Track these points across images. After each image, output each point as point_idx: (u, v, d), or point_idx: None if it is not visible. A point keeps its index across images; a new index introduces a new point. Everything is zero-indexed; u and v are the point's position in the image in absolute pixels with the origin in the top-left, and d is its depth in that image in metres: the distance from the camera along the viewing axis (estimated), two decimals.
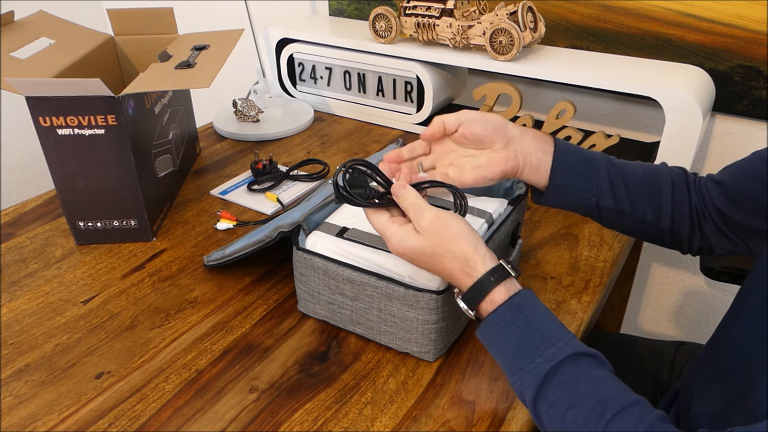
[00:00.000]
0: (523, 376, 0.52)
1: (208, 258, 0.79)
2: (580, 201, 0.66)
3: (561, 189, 0.66)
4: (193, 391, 0.62)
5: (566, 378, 0.50)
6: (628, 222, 0.68)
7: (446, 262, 0.56)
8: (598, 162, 0.66)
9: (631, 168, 0.67)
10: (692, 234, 0.67)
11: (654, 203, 0.66)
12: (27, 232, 0.87)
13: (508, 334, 0.53)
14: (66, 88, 0.73)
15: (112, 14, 1.00)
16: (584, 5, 1.09)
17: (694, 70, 1.00)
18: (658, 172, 0.67)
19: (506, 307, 0.53)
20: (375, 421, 0.58)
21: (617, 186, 0.66)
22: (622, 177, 0.66)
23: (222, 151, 1.13)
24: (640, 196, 0.66)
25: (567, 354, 0.51)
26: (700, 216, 0.66)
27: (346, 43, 1.18)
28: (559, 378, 0.50)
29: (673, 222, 0.67)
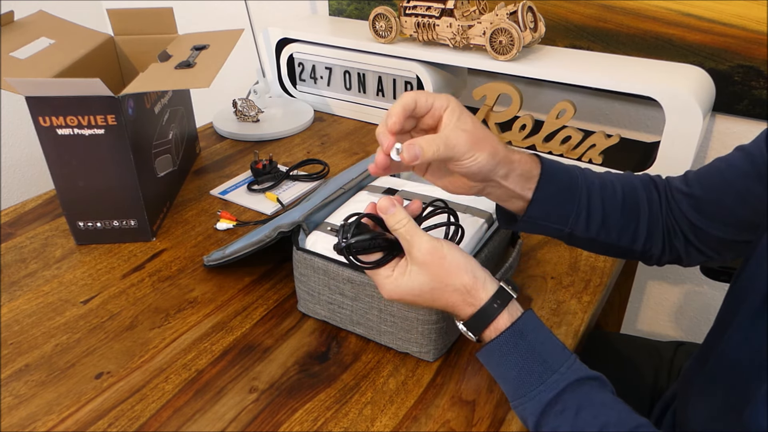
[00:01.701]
0: (525, 403, 0.52)
1: (208, 258, 0.79)
2: (552, 231, 0.63)
3: (535, 221, 0.61)
4: (193, 391, 0.62)
5: (568, 405, 0.50)
6: (598, 247, 0.65)
7: (447, 296, 0.54)
8: (580, 191, 0.62)
9: (610, 190, 0.63)
10: (663, 251, 0.65)
11: (630, 229, 0.64)
12: (27, 232, 0.87)
13: (510, 361, 0.52)
14: (66, 88, 0.73)
15: (112, 14, 1.00)
16: (584, 5, 1.09)
17: (694, 70, 1.00)
18: (634, 189, 0.64)
19: (509, 334, 0.53)
20: (375, 421, 0.58)
21: (594, 217, 0.62)
22: (602, 204, 0.62)
23: (222, 151, 1.13)
24: (616, 224, 0.63)
25: (569, 381, 0.51)
26: (671, 232, 0.64)
27: (346, 43, 1.18)
28: (560, 406, 0.50)
29: (646, 243, 0.64)
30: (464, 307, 0.54)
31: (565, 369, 0.51)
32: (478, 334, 0.54)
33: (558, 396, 0.50)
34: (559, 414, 0.50)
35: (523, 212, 0.61)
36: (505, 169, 0.57)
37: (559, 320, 0.71)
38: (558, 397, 0.50)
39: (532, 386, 0.51)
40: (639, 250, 0.65)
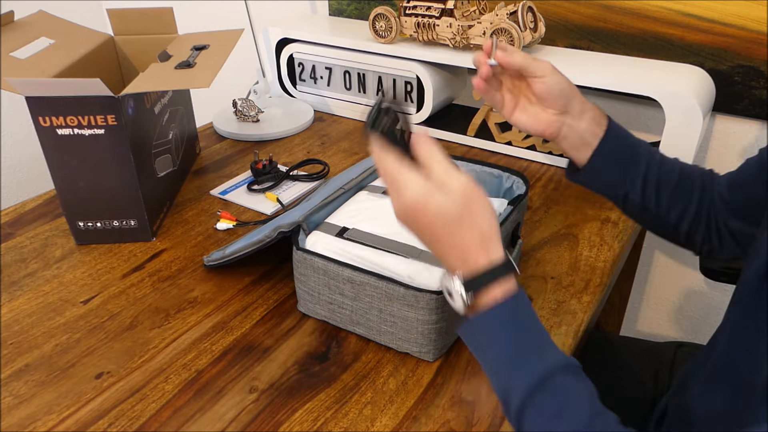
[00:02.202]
0: (517, 375, 0.48)
1: (208, 258, 0.79)
2: (610, 189, 0.68)
3: (595, 173, 0.67)
4: (193, 391, 0.62)
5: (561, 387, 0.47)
6: (648, 218, 0.69)
7: (469, 232, 0.48)
8: (641, 156, 0.66)
9: (669, 167, 0.67)
10: (705, 238, 0.68)
11: (680, 207, 0.67)
12: (27, 232, 0.87)
13: (509, 328, 0.49)
14: (66, 88, 0.73)
15: (112, 14, 1.00)
16: (584, 5, 1.09)
17: (694, 70, 1.00)
18: (692, 175, 0.68)
19: (519, 298, 0.49)
20: (375, 421, 0.58)
21: (650, 184, 0.66)
22: (658, 176, 0.66)
23: (222, 151, 1.13)
24: (668, 198, 0.67)
25: (567, 363, 0.49)
26: (718, 222, 0.67)
27: (346, 43, 1.18)
28: (554, 385, 0.47)
29: (692, 226, 0.68)
30: (478, 254, 0.48)
31: (559, 353, 0.49)
32: (477, 290, 0.49)
33: (554, 373, 0.47)
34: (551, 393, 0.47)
35: (588, 161, 0.66)
36: (580, 106, 0.64)
37: (559, 320, 0.71)
38: (554, 374, 0.47)
39: (530, 356, 0.48)
40: (685, 231, 0.68)
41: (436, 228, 0.49)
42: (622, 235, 0.87)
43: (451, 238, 0.49)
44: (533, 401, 0.47)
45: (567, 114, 0.64)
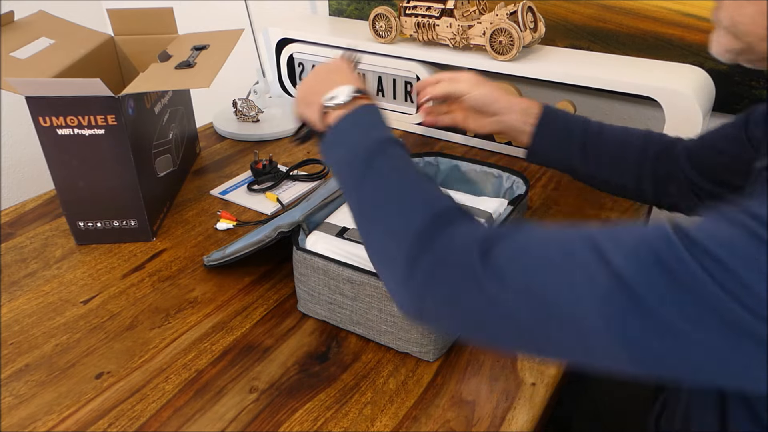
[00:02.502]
0: (373, 134, 0.56)
1: (208, 258, 0.79)
2: (556, 164, 0.80)
3: (538, 154, 0.79)
4: (193, 391, 0.62)
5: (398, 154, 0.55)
6: (598, 182, 0.80)
7: (326, 76, 0.64)
8: (574, 132, 0.77)
9: (607, 136, 0.77)
10: (658, 194, 0.77)
11: (621, 169, 0.77)
12: (27, 232, 0.87)
13: (368, 116, 0.59)
14: (66, 88, 0.73)
15: (112, 14, 1.00)
16: (584, 5, 1.09)
17: (694, 70, 1.00)
18: (632, 140, 0.77)
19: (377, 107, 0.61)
20: (375, 421, 0.58)
21: (589, 154, 0.77)
22: (596, 145, 0.77)
23: (222, 151, 1.13)
24: (608, 163, 0.77)
25: (395, 140, 0.56)
26: (668, 179, 0.75)
27: (346, 43, 1.18)
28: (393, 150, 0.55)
29: (639, 185, 0.76)
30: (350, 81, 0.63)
31: None
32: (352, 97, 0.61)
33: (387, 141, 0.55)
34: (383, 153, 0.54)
35: (529, 145, 0.78)
36: (506, 105, 0.78)
37: None
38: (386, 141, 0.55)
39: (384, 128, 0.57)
40: (632, 188, 0.77)
41: (313, 79, 0.65)
42: None
43: (326, 81, 0.63)
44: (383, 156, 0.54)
45: (498, 114, 0.78)
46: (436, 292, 0.45)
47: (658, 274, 0.37)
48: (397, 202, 0.50)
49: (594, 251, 0.40)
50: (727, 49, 0.54)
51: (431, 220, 0.47)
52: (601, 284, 0.38)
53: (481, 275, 0.43)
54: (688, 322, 0.36)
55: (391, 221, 0.49)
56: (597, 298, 0.38)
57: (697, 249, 0.37)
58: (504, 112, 0.78)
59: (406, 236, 0.47)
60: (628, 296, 0.37)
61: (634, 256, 0.38)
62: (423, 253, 0.46)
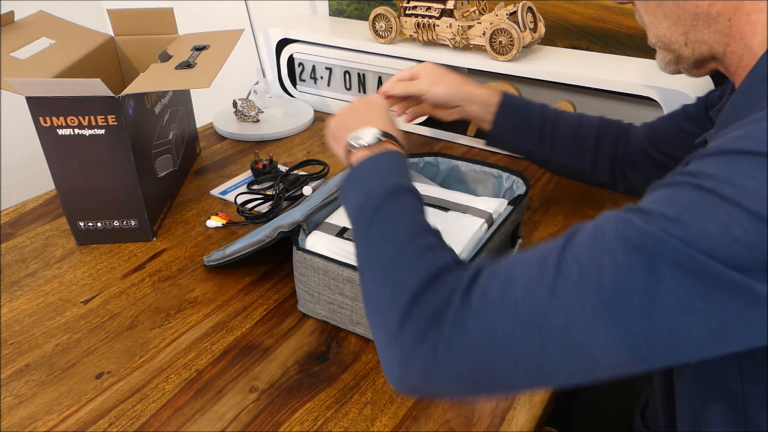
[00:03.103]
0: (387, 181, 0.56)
1: (209, 258, 0.79)
2: (515, 149, 0.86)
3: (497, 139, 0.84)
4: (193, 391, 0.62)
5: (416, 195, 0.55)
6: (554, 167, 0.86)
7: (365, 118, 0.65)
8: (532, 120, 0.82)
9: (565, 123, 0.82)
10: (614, 179, 0.82)
11: (577, 154, 0.82)
12: (27, 232, 0.87)
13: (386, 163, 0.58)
14: (66, 88, 0.73)
15: (112, 14, 1.00)
16: (584, 5, 1.09)
17: None
18: (587, 126, 0.82)
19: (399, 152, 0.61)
20: (375, 421, 0.58)
21: (546, 140, 0.82)
22: (553, 132, 0.82)
23: (222, 151, 1.13)
24: (565, 148, 0.82)
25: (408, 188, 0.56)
26: (625, 163, 0.80)
27: (346, 43, 1.18)
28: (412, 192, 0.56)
29: (595, 169, 0.82)
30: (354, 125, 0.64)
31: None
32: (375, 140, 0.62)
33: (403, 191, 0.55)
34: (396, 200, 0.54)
35: (489, 131, 0.83)
36: (465, 98, 0.82)
37: None
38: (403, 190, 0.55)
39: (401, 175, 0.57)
40: (589, 173, 0.83)
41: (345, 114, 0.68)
42: None
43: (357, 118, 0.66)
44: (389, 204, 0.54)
45: (459, 106, 0.83)
46: (425, 347, 0.43)
47: (637, 260, 0.37)
48: (394, 261, 0.49)
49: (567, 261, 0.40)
50: (665, 63, 0.58)
51: (425, 285, 0.45)
52: (586, 293, 0.38)
53: (465, 314, 0.42)
54: (675, 295, 0.36)
55: (386, 282, 0.48)
56: (586, 309, 0.38)
57: (653, 218, 0.38)
58: (464, 104, 0.82)
59: (397, 302, 0.45)
60: (615, 295, 0.37)
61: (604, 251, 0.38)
62: (411, 316, 0.44)
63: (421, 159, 0.87)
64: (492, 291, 0.42)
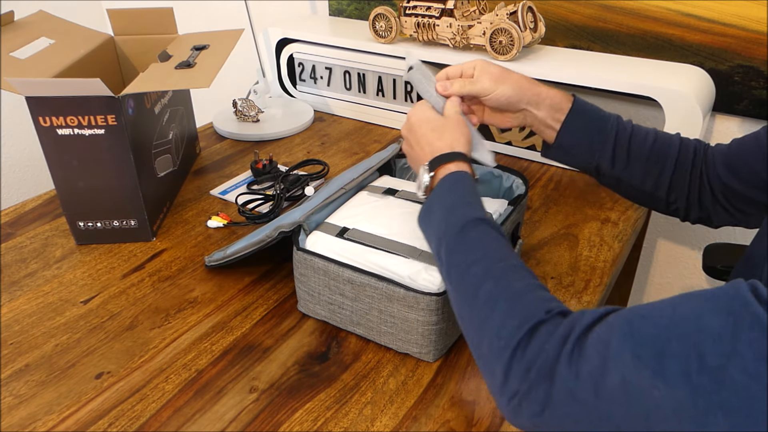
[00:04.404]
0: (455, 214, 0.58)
1: (209, 258, 0.79)
2: (580, 163, 0.73)
3: (562, 150, 0.73)
4: (193, 391, 0.62)
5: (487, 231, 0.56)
6: (624, 188, 0.73)
7: (440, 140, 0.65)
8: (608, 129, 0.71)
9: (641, 137, 0.71)
10: (689, 206, 0.71)
11: (654, 175, 0.71)
12: (27, 232, 0.87)
13: (456, 188, 0.61)
14: (66, 88, 0.73)
15: (112, 14, 1.00)
16: (584, 5, 1.09)
17: (694, 70, 1.00)
18: (667, 144, 0.71)
19: (464, 173, 0.62)
20: (375, 421, 0.58)
21: (620, 155, 0.71)
22: (628, 146, 0.70)
23: (222, 151, 1.13)
24: (640, 167, 0.71)
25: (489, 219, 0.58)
26: (701, 189, 0.70)
27: (346, 43, 1.18)
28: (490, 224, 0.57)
29: (670, 194, 0.71)
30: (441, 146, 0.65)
31: None
32: (437, 165, 0.63)
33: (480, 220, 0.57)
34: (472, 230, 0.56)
35: (554, 140, 0.72)
36: (533, 100, 0.70)
37: None
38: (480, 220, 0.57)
39: (465, 206, 0.59)
40: (663, 199, 0.72)
41: (421, 128, 0.67)
42: (622, 235, 0.87)
43: (429, 139, 0.66)
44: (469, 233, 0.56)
45: (524, 110, 0.71)
46: (531, 404, 0.45)
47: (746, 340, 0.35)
48: (491, 304, 0.50)
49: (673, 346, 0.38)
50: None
51: (526, 332, 0.47)
52: (702, 391, 0.36)
53: (571, 377, 0.43)
54: None
55: (486, 328, 0.50)
56: (699, 404, 0.36)
57: None
58: (531, 108, 0.71)
59: (500, 352, 0.47)
60: (737, 402, 0.35)
61: (732, 354, 0.36)
62: (515, 370, 0.46)
63: None
64: (597, 359, 0.42)
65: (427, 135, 0.66)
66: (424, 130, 0.67)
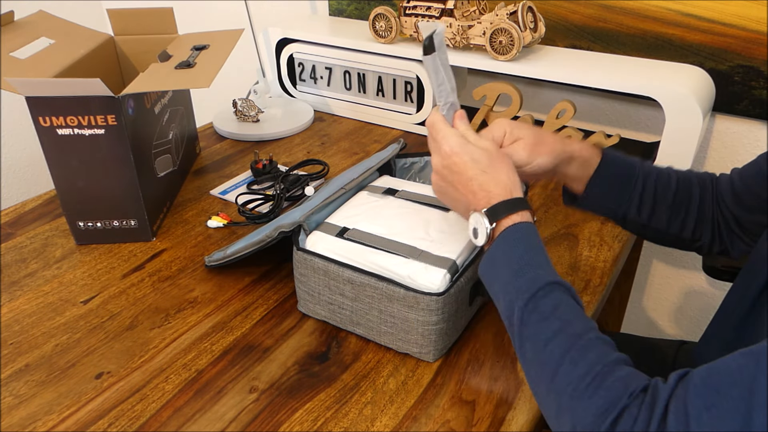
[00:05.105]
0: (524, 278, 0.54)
1: (210, 258, 0.79)
2: (607, 212, 0.72)
3: (589, 202, 0.71)
4: (193, 391, 0.62)
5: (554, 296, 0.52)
6: (650, 233, 0.73)
7: (493, 180, 0.58)
8: (635, 182, 0.70)
9: (664, 183, 0.70)
10: (712, 242, 0.71)
11: (680, 218, 0.70)
12: (27, 232, 0.87)
13: (522, 244, 0.56)
14: (66, 88, 0.73)
15: (112, 14, 1.00)
16: (584, 5, 1.09)
17: (694, 70, 1.00)
18: (689, 185, 0.71)
19: (529, 225, 0.57)
20: (375, 421, 0.58)
21: (646, 204, 0.70)
22: (654, 195, 0.70)
23: (222, 151, 1.13)
24: (666, 211, 0.70)
25: (562, 282, 0.53)
26: (720, 224, 0.70)
27: (346, 43, 1.18)
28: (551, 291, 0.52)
29: (695, 233, 0.71)
30: (501, 195, 0.58)
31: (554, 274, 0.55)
32: (498, 217, 0.57)
33: (555, 284, 0.53)
34: (544, 296, 0.52)
35: (583, 192, 0.70)
36: (566, 161, 0.68)
37: None
38: (555, 285, 0.53)
39: (536, 267, 0.54)
40: (689, 239, 0.71)
41: (469, 170, 0.59)
42: (622, 235, 0.87)
43: (481, 183, 0.58)
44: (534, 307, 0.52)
45: (556, 171, 0.69)
46: None
47: None
48: (575, 390, 0.47)
49: None
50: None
51: (611, 422, 0.44)
52: None
53: None
54: None
55: (569, 411, 0.47)
56: None
57: None
58: (561, 168, 0.69)
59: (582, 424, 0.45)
60: None
61: None
62: None
63: (421, 158, 0.87)
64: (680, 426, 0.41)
65: (478, 178, 0.58)
66: (474, 172, 0.58)
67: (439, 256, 0.65)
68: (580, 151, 0.69)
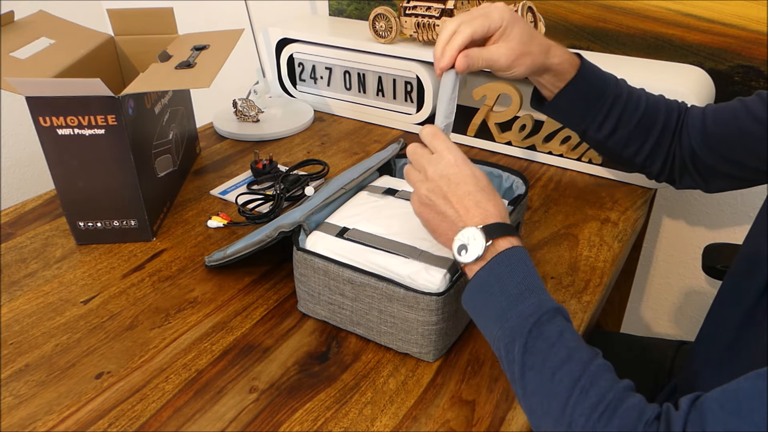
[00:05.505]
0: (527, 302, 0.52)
1: (210, 258, 0.79)
2: (568, 124, 0.77)
3: (556, 111, 0.75)
4: (193, 391, 0.62)
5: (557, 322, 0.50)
6: (605, 151, 0.78)
7: (491, 201, 0.57)
8: (604, 98, 0.72)
9: (633, 105, 0.73)
10: (661, 171, 0.76)
11: (636, 144, 0.74)
12: (27, 232, 0.87)
13: (523, 268, 0.54)
14: (66, 88, 0.73)
15: (112, 14, 1.00)
16: (584, 5, 1.09)
17: (694, 70, 1.00)
18: (655, 112, 0.73)
19: (523, 250, 0.55)
20: (375, 421, 0.58)
21: (608, 124, 0.73)
22: (619, 116, 0.73)
23: (222, 151, 1.13)
24: (625, 136, 0.74)
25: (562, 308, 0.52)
26: (674, 156, 0.74)
27: (346, 43, 1.18)
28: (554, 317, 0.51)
29: (647, 160, 0.75)
30: (497, 217, 0.56)
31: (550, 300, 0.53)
32: (496, 236, 0.54)
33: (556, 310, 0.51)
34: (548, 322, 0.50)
35: (549, 100, 0.74)
36: (540, 70, 0.69)
37: None
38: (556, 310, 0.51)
39: (538, 292, 0.52)
40: (640, 164, 0.76)
41: (469, 184, 0.57)
42: (622, 235, 0.87)
43: (478, 200, 0.56)
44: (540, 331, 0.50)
45: (531, 54, 0.66)
46: None
47: None
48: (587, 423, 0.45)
49: None
50: None
51: None
52: None
53: None
54: None
55: None
56: None
57: None
58: (534, 75, 0.70)
59: None
60: None
61: None
62: None
63: None
64: None
65: (475, 195, 0.56)
66: (473, 188, 0.57)
67: (439, 256, 0.65)
68: (558, 65, 0.69)
